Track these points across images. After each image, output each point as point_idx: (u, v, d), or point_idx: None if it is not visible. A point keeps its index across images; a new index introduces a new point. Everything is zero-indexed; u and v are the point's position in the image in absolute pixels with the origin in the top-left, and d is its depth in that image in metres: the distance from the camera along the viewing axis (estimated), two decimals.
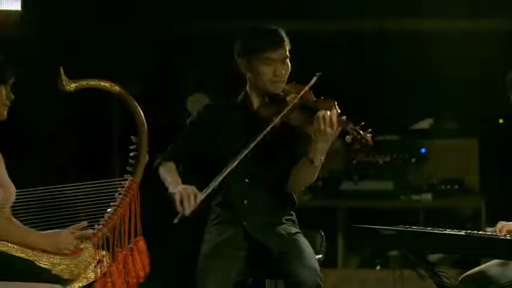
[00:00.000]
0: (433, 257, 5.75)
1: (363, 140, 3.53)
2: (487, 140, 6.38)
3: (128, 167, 3.41)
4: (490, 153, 6.31)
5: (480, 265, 3.69)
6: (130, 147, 3.39)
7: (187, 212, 3.48)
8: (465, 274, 3.60)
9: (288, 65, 3.76)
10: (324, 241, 4.06)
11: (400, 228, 3.58)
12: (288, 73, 3.77)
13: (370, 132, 3.55)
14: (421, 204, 6.30)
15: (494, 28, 6.23)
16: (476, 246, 3.36)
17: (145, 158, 3.40)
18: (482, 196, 6.26)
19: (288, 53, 3.75)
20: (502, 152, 6.24)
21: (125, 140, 3.50)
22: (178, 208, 3.48)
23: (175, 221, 3.48)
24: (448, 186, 6.35)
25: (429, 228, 3.55)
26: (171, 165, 3.77)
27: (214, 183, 3.56)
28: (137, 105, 3.39)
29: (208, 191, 3.55)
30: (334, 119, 3.55)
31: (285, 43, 3.75)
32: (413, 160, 6.39)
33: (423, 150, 6.44)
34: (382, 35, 6.39)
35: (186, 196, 3.49)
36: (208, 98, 6.10)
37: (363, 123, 3.57)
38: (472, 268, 3.69)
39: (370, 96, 6.14)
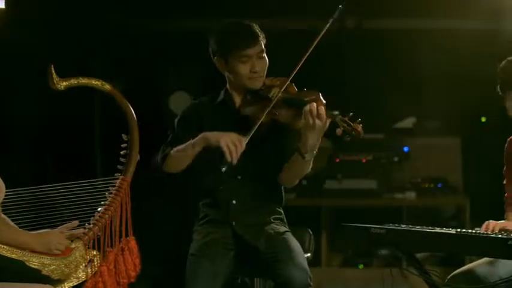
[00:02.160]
0: (417, 256, 5.74)
1: (354, 132, 3.47)
2: (470, 138, 6.42)
3: (118, 166, 3.39)
4: (472, 151, 6.34)
5: (464, 263, 3.69)
6: (122, 145, 3.37)
7: (235, 161, 3.50)
8: (455, 272, 3.60)
9: (265, 59, 3.73)
10: (313, 240, 4.05)
11: (390, 226, 3.57)
12: (266, 67, 3.74)
13: (359, 123, 3.50)
14: (405, 203, 6.32)
15: (476, 27, 6.25)
16: (467, 244, 3.35)
17: (136, 157, 3.38)
18: (466, 194, 6.30)
19: (263, 47, 3.71)
20: (485, 150, 6.26)
21: (107, 139, 3.47)
22: (228, 158, 3.49)
23: (223, 170, 3.50)
24: (432, 185, 6.37)
25: (418, 227, 3.53)
26: None
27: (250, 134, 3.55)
28: (128, 104, 3.37)
29: (249, 137, 3.55)
30: (322, 111, 3.50)
31: (260, 38, 3.71)
32: (396, 159, 6.40)
33: (406, 148, 6.46)
34: (366, 34, 6.39)
35: (233, 146, 3.50)
36: (190, 97, 6.08)
37: (351, 113, 3.51)
38: (455, 266, 3.69)
39: (353, 95, 6.14)
